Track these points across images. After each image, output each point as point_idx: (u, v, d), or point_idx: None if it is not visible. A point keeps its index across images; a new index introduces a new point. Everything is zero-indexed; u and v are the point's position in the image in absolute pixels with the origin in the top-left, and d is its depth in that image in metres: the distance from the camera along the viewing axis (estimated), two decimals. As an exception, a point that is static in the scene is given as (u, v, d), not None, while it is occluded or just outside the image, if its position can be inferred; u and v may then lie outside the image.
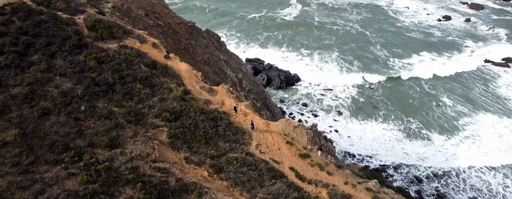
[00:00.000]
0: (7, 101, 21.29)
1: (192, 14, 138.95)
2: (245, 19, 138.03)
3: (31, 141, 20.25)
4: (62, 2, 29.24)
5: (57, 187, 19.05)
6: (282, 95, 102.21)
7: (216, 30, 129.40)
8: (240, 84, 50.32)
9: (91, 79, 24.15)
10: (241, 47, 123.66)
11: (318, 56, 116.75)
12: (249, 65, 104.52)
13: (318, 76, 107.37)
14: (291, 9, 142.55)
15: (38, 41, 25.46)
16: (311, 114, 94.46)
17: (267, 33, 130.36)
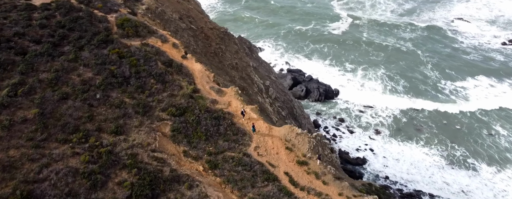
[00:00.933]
0: (35, 84, 24.54)
1: (242, 23, 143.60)
2: (292, 30, 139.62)
3: (47, 120, 23.13)
4: (99, 1, 32.84)
5: (61, 163, 21.57)
6: (319, 108, 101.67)
7: (262, 40, 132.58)
8: (267, 91, 51.54)
9: (110, 71, 26.90)
10: (285, 57, 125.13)
11: (362, 72, 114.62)
12: (289, 76, 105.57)
13: (359, 92, 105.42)
14: (340, 23, 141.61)
15: (72, 35, 28.91)
16: (346, 130, 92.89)
17: (313, 45, 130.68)
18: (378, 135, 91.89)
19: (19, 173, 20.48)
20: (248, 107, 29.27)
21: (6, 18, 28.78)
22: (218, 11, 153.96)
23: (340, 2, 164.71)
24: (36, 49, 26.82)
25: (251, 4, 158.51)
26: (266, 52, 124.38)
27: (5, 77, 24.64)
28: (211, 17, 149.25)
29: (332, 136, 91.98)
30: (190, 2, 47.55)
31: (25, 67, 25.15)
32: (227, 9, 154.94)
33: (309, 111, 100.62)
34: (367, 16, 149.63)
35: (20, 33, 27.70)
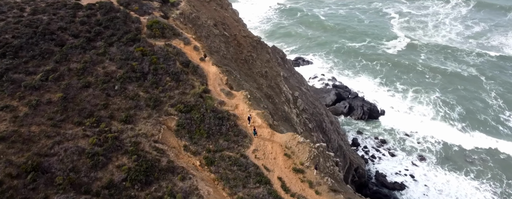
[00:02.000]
0: (64, 72, 28.24)
1: (294, 36, 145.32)
2: (345, 46, 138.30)
3: (68, 104, 26.50)
4: (137, 4, 36.54)
5: (71, 142, 24.61)
6: (361, 127, 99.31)
7: (312, 53, 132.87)
8: (295, 101, 52.27)
9: (131, 66, 29.95)
10: (333, 72, 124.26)
11: (413, 94, 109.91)
12: (334, 91, 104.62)
13: (406, 115, 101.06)
14: (397, 42, 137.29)
15: (106, 32, 32.65)
16: (387, 152, 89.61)
17: (365, 62, 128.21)
18: (422, 161, 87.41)
19: (35, 146, 23.80)
20: (254, 112, 30.56)
21: (55, 14, 33.42)
22: (273, 22, 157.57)
23: (400, 20, 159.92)
24: (73, 42, 30.81)
25: (305, 19, 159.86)
26: (313, 65, 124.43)
27: (42, 64, 28.69)
28: (266, 27, 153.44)
29: (371, 157, 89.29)
30: (227, 11, 50.31)
31: (60, 57, 29.07)
32: (282, 21, 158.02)
33: (350, 128, 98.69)
34: (427, 37, 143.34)
35: (63, 27, 32.01)
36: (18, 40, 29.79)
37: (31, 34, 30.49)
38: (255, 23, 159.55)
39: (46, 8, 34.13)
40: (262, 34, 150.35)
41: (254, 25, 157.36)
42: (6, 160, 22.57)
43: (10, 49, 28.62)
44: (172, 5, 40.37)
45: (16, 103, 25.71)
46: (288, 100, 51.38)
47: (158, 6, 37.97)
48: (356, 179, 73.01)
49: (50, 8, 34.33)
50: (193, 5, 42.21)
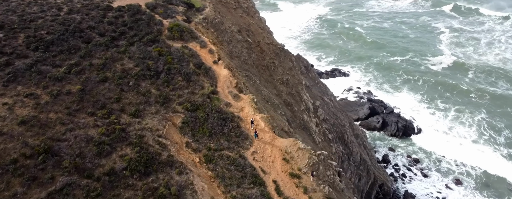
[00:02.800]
0: (86, 66, 31.10)
1: (334, 46, 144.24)
2: (386, 60, 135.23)
3: (85, 96, 29.15)
4: (163, 8, 39.14)
5: (82, 131, 27.06)
6: (394, 143, 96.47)
7: (350, 65, 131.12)
8: (315, 111, 52.43)
9: (147, 65, 32.24)
10: (370, 85, 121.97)
11: (455, 113, 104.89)
12: (367, 105, 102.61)
13: (445, 135, 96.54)
14: (443, 59, 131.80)
15: (130, 32, 35.40)
16: (420, 172, 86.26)
17: (406, 76, 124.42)
18: (458, 185, 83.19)
19: (50, 131, 26.47)
20: (258, 116, 31.52)
21: (87, 15, 36.81)
22: (313, 32, 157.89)
23: (450, 35, 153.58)
24: (98, 40, 33.79)
25: (346, 30, 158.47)
26: (350, 78, 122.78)
27: (68, 58, 31.78)
28: (306, 37, 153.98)
29: (401, 175, 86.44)
30: (253, 18, 51.88)
31: (85, 52, 32.04)
32: (322, 31, 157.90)
33: (381, 144, 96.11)
34: (478, 55, 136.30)
35: (92, 26, 35.19)
36: (51, 36, 33.27)
37: (63, 31, 33.90)
38: (296, 32, 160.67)
39: (80, 9, 37.72)
40: (302, 44, 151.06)
41: (295, 34, 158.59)
42: (23, 141, 25.35)
43: (42, 44, 32.06)
44: (197, 10, 42.67)
45: (39, 92, 28.75)
46: (308, 108, 51.65)
47: (183, 10, 40.38)
48: (381, 196, 70.95)
49: (84, 8, 37.88)
50: (218, 11, 44.25)
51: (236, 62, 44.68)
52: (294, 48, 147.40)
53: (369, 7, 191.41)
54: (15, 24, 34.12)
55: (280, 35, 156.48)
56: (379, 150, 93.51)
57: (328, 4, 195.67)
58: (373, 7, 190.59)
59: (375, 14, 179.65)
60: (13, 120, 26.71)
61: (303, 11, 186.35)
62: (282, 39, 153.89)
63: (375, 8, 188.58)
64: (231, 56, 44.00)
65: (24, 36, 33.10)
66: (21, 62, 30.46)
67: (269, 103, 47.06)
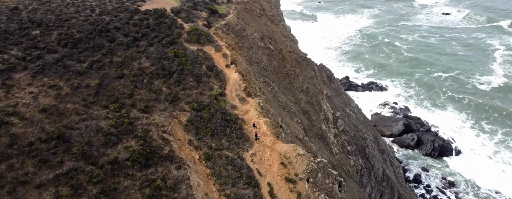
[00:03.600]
0: (106, 63, 33.95)
1: (375, 58, 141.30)
2: (430, 76, 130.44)
3: (101, 90, 31.86)
4: (186, 13, 41.58)
5: (94, 121, 29.61)
6: (428, 163, 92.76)
7: (390, 79, 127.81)
8: (335, 121, 52.30)
9: (162, 65, 34.51)
10: (409, 101, 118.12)
11: (502, 137, 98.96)
12: (402, 121, 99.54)
13: (487, 160, 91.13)
14: (493, 78, 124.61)
15: (151, 34, 38.04)
16: (454, 196, 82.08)
17: (451, 94, 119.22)
18: (497, 216, 78.25)
19: (65, 120, 29.27)
20: (262, 120, 32.50)
21: (116, 16, 40.07)
22: (354, 44, 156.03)
23: (505, 53, 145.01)
24: (122, 40, 36.69)
25: (390, 43, 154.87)
26: (387, 92, 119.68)
27: (91, 55, 34.87)
28: (346, 48, 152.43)
29: (432, 197, 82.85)
30: (278, 26, 53.03)
31: (107, 51, 35.00)
32: (364, 43, 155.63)
33: (414, 162, 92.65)
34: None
35: (118, 27, 38.28)
36: (80, 34, 36.70)
37: (91, 30, 37.25)
38: (336, 43, 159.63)
39: (111, 11, 41.15)
40: (342, 55, 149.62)
41: (335, 45, 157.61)
42: (41, 127, 28.27)
43: (71, 41, 35.48)
44: (220, 16, 44.72)
45: (62, 84, 31.86)
46: (327, 118, 51.65)
47: (206, 16, 42.58)
48: (404, 216, 68.42)
49: (114, 11, 41.26)
50: (242, 18, 46.03)
51: (255, 68, 46.04)
52: (333, 59, 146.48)
53: (416, 20, 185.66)
54: (51, 23, 38.05)
55: (319, 46, 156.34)
56: (411, 168, 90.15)
57: (372, 17, 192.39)
58: (420, 21, 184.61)
59: (422, 28, 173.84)
60: (35, 108, 29.86)
61: (344, 22, 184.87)
62: (321, 50, 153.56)
63: (422, 22, 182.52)
64: (251, 61, 45.44)
65: (57, 33, 36.81)
66: (51, 57, 33.93)
67: (286, 110, 47.79)
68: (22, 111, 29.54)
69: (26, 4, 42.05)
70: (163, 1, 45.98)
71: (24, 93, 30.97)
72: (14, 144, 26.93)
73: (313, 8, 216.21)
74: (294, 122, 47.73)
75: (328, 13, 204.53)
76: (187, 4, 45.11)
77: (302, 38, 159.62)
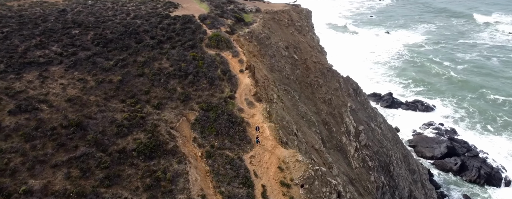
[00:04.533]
0: (130, 62, 37.59)
1: (423, 78, 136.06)
2: (486, 97, 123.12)
3: (121, 85, 35.36)
4: (212, 20, 44.51)
5: (110, 113, 33.01)
6: (472, 191, 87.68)
7: (440, 97, 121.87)
8: (357, 135, 52.11)
9: (179, 66, 37.43)
10: (459, 124, 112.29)
11: None
12: (445, 144, 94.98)
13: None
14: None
15: (176, 38, 41.32)
16: (497, 232, 76.76)
17: (509, 119, 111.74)
18: None
19: (86, 110, 32.96)
20: (266, 124, 33.99)
21: (147, 20, 44.03)
22: (404, 60, 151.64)
23: None
24: (148, 42, 40.32)
25: (442, 61, 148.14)
26: (434, 112, 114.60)
27: (118, 54, 38.76)
28: (395, 64, 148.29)
29: (467, 227, 78.11)
30: (305, 36, 54.22)
31: (133, 51, 38.71)
32: (414, 59, 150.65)
33: (455, 188, 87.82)
34: None
35: (147, 30, 42.07)
36: (112, 35, 40.91)
37: (123, 32, 41.37)
38: (385, 58, 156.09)
39: (144, 15, 45.25)
40: (390, 70, 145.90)
41: (383, 60, 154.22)
42: (64, 114, 32.15)
43: (103, 41, 39.73)
44: (245, 24, 47.12)
45: (89, 78, 35.85)
46: (348, 131, 51.62)
47: (230, 23, 45.21)
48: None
49: (147, 15, 45.31)
50: (268, 27, 48.09)
51: (276, 76, 47.67)
52: (380, 74, 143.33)
53: (478, 38, 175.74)
54: (90, 24, 42.82)
55: (367, 60, 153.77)
56: (452, 194, 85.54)
57: (427, 33, 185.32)
58: (483, 39, 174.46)
59: (483, 47, 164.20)
60: (62, 97, 33.94)
61: (395, 37, 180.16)
62: (369, 64, 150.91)
63: (485, 40, 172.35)
64: (272, 69, 47.16)
65: (93, 33, 41.37)
66: (83, 53, 38.28)
67: (305, 119, 48.70)
68: (51, 99, 33.74)
69: (72, 7, 47.62)
70: (194, 8, 49.44)
71: (56, 84, 35.31)
72: (39, 127, 30.89)
73: (364, 22, 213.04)
74: (312, 132, 48.42)
75: (379, 27, 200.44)
76: (216, 11, 48.20)
77: (344, 52, 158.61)
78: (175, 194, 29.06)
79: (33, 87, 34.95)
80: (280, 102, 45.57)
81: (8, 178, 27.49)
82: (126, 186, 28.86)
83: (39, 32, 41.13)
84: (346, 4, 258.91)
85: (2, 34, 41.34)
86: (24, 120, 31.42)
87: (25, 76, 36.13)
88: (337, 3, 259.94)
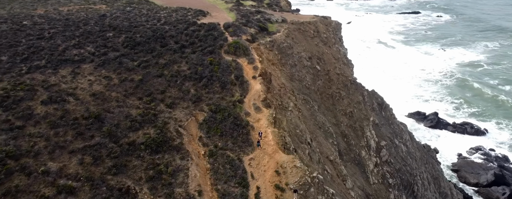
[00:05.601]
0: (152, 63, 41.24)
1: (477, 99, 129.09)
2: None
3: (141, 84, 38.99)
4: (235, 28, 47.32)
5: (127, 109, 36.59)
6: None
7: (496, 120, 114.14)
8: (378, 150, 51.76)
9: (196, 69, 40.43)
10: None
11: None
12: (493, 171, 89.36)
13: None
14: None
15: (198, 43, 44.55)
16: None
17: None
18: None
19: (106, 104, 36.83)
20: (270, 129, 35.64)
21: (175, 26, 47.88)
22: (457, 78, 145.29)
23: None
24: (171, 46, 43.94)
25: (503, 82, 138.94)
26: (485, 137, 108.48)
27: (143, 56, 42.68)
28: (447, 83, 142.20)
29: None
30: (330, 48, 55.10)
31: (157, 53, 42.47)
32: (466, 77, 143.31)
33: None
34: None
35: (172, 35, 45.83)
36: (140, 38, 45.13)
37: (150, 36, 45.46)
38: (437, 76, 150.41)
39: (173, 22, 49.22)
40: (442, 88, 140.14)
41: (435, 78, 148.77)
42: (86, 107, 36.23)
43: (131, 43, 43.98)
44: (268, 33, 49.34)
45: (113, 76, 39.95)
46: (368, 146, 51.44)
47: (253, 32, 47.69)
48: None
49: (176, 22, 49.23)
50: (292, 37, 49.95)
51: (296, 85, 49.20)
52: (430, 92, 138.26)
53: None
54: (124, 28, 47.52)
55: (417, 77, 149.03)
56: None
57: (487, 52, 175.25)
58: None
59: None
60: (88, 92, 38.20)
61: (450, 55, 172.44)
62: (418, 81, 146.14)
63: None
64: (292, 78, 48.79)
65: (124, 36, 45.91)
66: (112, 54, 42.69)
67: (322, 129, 49.51)
68: (78, 93, 38.12)
69: (112, 13, 53.00)
70: (222, 16, 52.66)
71: (84, 80, 39.79)
72: (64, 117, 35.08)
73: (417, 38, 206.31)
74: (328, 143, 49.01)
75: (434, 44, 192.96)
76: (241, 20, 50.97)
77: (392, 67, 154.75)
78: (173, 187, 31.54)
79: (65, 81, 39.66)
80: (296, 110, 46.87)
81: (32, 159, 31.49)
82: (131, 176, 31.85)
83: (79, 33, 46.51)
84: (399, 19, 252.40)
85: (49, 35, 47.27)
86: (52, 110, 35.82)
87: (60, 71, 41.09)
88: (390, 18, 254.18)
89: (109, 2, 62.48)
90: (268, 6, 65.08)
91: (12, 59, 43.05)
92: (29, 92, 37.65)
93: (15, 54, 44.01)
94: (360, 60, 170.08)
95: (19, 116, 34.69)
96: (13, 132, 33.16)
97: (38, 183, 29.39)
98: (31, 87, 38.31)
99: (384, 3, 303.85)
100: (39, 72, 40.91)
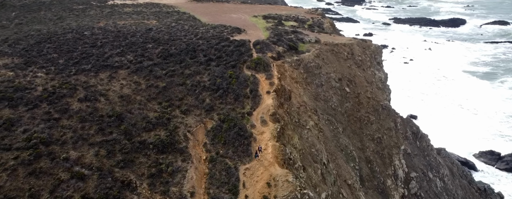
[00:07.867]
0: (178, 73, 46.31)
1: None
2: None
3: (163, 91, 44.07)
4: (263, 45, 50.89)
5: (146, 111, 41.71)
6: None
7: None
8: (407, 182, 50.68)
9: (215, 81, 44.54)
10: None
11: None
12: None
13: None
14: None
15: (224, 57, 48.89)
16: None
17: None
18: None
19: (130, 106, 42.33)
20: (271, 143, 38.03)
21: (208, 41, 52.93)
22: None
23: None
24: (199, 59, 48.85)
25: None
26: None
27: (172, 66, 48.03)
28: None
29: None
30: (365, 71, 55.56)
31: (184, 65, 47.58)
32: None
33: None
34: None
35: (203, 49, 50.84)
36: (174, 50, 50.82)
37: (183, 49, 50.94)
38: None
39: (207, 37, 54.37)
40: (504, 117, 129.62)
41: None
42: (113, 107, 42.07)
43: (165, 54, 49.80)
44: (296, 52, 52.00)
45: (142, 82, 45.70)
46: (396, 175, 50.62)
47: (280, 50, 50.78)
48: None
49: (210, 37, 54.31)
50: (322, 58, 52.09)
51: (320, 105, 50.97)
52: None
53: None
54: (163, 41, 53.84)
55: (502, 112, 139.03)
56: None
57: None
58: None
59: None
60: (117, 94, 44.21)
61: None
62: (503, 117, 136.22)
63: None
64: (317, 98, 50.70)
65: (161, 48, 52.04)
66: (146, 63, 48.78)
67: (344, 152, 50.22)
68: (109, 94, 44.30)
69: (157, 27, 60.04)
70: (256, 34, 56.61)
71: (117, 83, 46.06)
72: (92, 113, 41.17)
73: (507, 69, 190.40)
74: (349, 167, 49.41)
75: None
76: (272, 39, 54.32)
77: (473, 99, 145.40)
78: (169, 186, 35.30)
79: (102, 84, 46.28)
80: (316, 130, 48.39)
81: (58, 147, 37.43)
82: (135, 171, 36.32)
83: (124, 44, 53.82)
84: (489, 48, 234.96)
85: (100, 44, 55.36)
86: (85, 107, 42.16)
87: (100, 74, 48.01)
88: (478, 47, 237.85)
89: (161, 18, 70.47)
90: (308, 27, 67.76)
91: (66, 62, 51.16)
92: (71, 90, 44.54)
93: (70, 58, 52.21)
94: (432, 90, 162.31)
95: (58, 109, 41.27)
96: (50, 123, 39.57)
97: (58, 167, 34.89)
98: (73, 86, 45.30)
99: (475, 30, 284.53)
100: (84, 74, 48.17)
